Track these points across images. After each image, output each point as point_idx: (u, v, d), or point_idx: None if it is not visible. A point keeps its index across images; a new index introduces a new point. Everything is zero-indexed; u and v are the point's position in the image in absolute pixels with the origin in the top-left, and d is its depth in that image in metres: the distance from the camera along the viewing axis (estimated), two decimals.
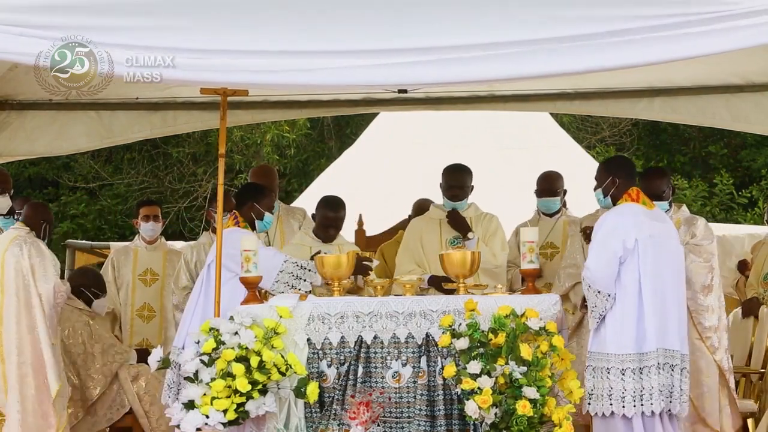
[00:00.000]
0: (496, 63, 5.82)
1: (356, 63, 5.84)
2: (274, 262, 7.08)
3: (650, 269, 6.48)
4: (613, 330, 6.48)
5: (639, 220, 6.55)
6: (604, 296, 6.48)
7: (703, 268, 7.14)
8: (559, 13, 5.78)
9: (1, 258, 7.42)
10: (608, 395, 6.43)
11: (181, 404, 6.52)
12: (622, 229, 6.52)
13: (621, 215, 6.59)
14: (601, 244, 6.54)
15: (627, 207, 6.61)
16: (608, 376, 6.43)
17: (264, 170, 8.69)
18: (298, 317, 6.62)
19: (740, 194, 16.91)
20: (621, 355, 6.43)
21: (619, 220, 6.57)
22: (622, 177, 6.71)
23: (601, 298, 6.50)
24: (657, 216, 6.68)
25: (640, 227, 6.53)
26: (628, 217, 6.57)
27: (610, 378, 6.43)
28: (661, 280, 6.50)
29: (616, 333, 6.46)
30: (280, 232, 8.24)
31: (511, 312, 6.51)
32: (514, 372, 6.34)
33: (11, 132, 8.71)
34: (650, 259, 6.49)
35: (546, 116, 12.03)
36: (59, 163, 16.89)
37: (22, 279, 7.35)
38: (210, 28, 5.87)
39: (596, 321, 6.53)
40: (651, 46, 5.76)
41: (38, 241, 7.52)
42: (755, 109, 8.45)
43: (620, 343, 6.44)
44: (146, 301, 8.93)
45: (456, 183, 7.80)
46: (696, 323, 7.05)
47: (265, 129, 16.11)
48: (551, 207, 8.49)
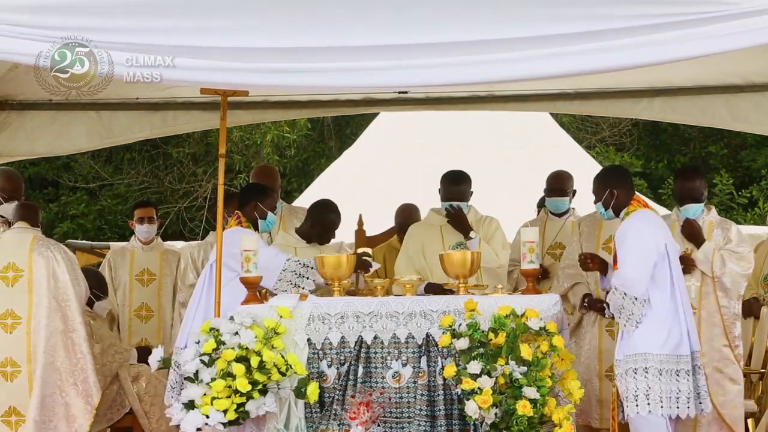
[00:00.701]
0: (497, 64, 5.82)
1: (357, 64, 5.84)
2: (276, 261, 7.10)
3: (677, 272, 6.58)
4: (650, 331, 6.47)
5: (662, 226, 6.68)
6: (641, 302, 6.48)
7: (742, 277, 7.18)
8: (559, 13, 5.78)
9: (29, 259, 7.33)
10: (645, 395, 6.39)
11: (181, 404, 6.53)
12: (652, 235, 6.57)
13: (648, 222, 6.63)
14: (637, 252, 6.54)
15: (646, 214, 6.67)
16: (646, 376, 6.41)
17: (266, 170, 8.70)
18: (298, 317, 6.62)
19: (740, 194, 16.91)
20: (660, 355, 6.42)
21: (648, 228, 6.61)
22: (620, 187, 6.74)
23: (638, 305, 6.48)
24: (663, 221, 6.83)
25: (665, 232, 6.65)
26: (654, 222, 6.66)
27: (648, 378, 6.40)
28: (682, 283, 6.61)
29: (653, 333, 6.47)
30: (282, 232, 8.24)
31: (511, 312, 6.51)
32: (514, 372, 6.34)
33: (11, 132, 8.71)
34: (675, 262, 6.60)
35: (546, 116, 12.03)
36: (59, 163, 16.89)
37: (55, 281, 7.28)
38: (210, 28, 5.87)
39: (633, 328, 6.51)
40: (651, 47, 5.76)
41: (60, 243, 7.52)
42: (755, 109, 8.45)
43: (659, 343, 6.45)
44: (144, 302, 8.93)
45: (455, 196, 7.74)
46: (728, 331, 7.10)
47: (265, 129, 16.11)
48: (561, 207, 8.46)
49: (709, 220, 7.25)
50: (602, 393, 7.90)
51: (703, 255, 7.20)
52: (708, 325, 7.13)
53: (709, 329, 7.13)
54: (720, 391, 6.99)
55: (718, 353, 7.01)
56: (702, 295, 7.16)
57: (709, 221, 7.23)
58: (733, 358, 7.09)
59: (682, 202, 7.35)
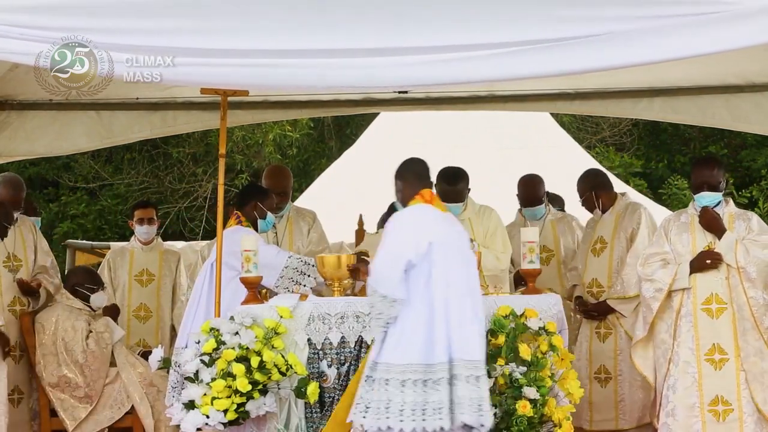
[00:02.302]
0: (496, 63, 5.82)
1: (357, 64, 5.84)
2: (278, 259, 7.12)
3: (441, 274, 6.03)
4: (394, 338, 6.02)
5: (432, 223, 6.17)
6: (390, 302, 5.99)
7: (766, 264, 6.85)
8: (559, 12, 5.78)
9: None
10: (386, 408, 5.93)
11: (181, 404, 6.53)
12: (413, 230, 6.13)
13: (413, 216, 6.22)
14: (390, 248, 6.08)
15: (419, 208, 6.25)
16: (386, 387, 5.94)
17: (278, 170, 8.59)
18: (298, 317, 6.62)
19: (740, 194, 16.89)
20: (402, 365, 5.94)
21: (410, 221, 6.19)
22: (409, 179, 6.32)
23: (386, 304, 5.99)
24: (449, 219, 6.31)
25: (433, 230, 6.12)
26: (420, 218, 6.19)
27: (388, 390, 5.93)
28: (455, 288, 6.05)
29: (398, 341, 6.01)
30: (288, 232, 8.24)
31: (510, 312, 6.51)
32: (514, 372, 6.34)
33: (11, 132, 8.70)
34: (443, 264, 6.05)
35: (546, 116, 12.03)
36: (59, 163, 16.88)
37: None
38: (210, 28, 5.87)
39: (381, 329, 6.04)
40: (651, 46, 5.76)
41: None
42: (755, 109, 8.45)
43: (401, 352, 5.97)
44: (143, 302, 8.93)
45: (452, 198, 7.54)
46: (758, 323, 6.82)
47: (267, 129, 16.11)
48: (537, 214, 8.51)
49: (729, 212, 7.01)
50: (592, 395, 7.91)
51: (726, 245, 6.89)
52: (740, 319, 6.84)
53: (741, 323, 6.85)
54: (760, 387, 6.78)
55: (752, 348, 6.79)
56: (731, 288, 6.87)
57: (729, 213, 7.00)
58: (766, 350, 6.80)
59: (698, 191, 7.06)
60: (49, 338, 7.73)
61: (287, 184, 8.34)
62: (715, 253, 6.89)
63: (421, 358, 5.95)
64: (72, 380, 7.70)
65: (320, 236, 8.32)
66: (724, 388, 6.82)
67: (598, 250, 8.08)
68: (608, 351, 7.97)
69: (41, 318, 7.80)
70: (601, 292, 8.01)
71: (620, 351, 7.91)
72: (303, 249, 8.09)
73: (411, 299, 6.02)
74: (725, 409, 6.78)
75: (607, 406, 7.92)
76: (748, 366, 6.80)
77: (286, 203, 8.23)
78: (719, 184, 7.00)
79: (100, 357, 7.77)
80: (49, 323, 7.75)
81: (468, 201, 7.78)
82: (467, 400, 5.95)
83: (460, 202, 7.69)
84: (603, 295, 7.99)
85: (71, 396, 7.71)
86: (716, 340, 6.86)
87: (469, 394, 5.96)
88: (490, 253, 7.63)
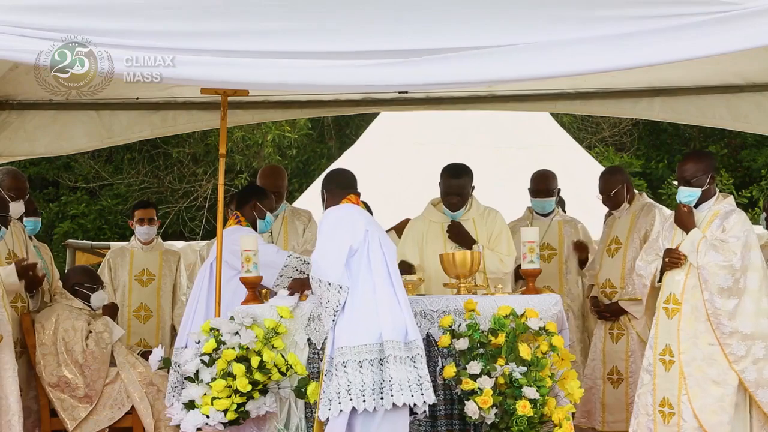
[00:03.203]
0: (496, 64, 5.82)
1: (357, 64, 5.84)
2: (278, 258, 7.11)
3: (377, 261, 6.22)
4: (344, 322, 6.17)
5: (360, 215, 6.40)
6: (336, 288, 6.16)
7: (722, 268, 6.49)
8: (557, 13, 5.78)
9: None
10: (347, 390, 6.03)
11: (181, 404, 6.53)
12: (350, 219, 6.35)
13: (344, 210, 6.42)
14: (328, 235, 6.30)
15: (347, 206, 6.44)
16: (345, 370, 6.05)
17: (273, 170, 8.60)
18: (298, 317, 6.62)
19: (740, 194, 16.90)
20: (349, 347, 6.08)
21: (345, 213, 6.40)
22: (332, 189, 6.54)
23: (333, 291, 6.16)
24: (373, 219, 6.56)
25: (365, 221, 6.37)
26: (350, 211, 6.40)
27: (348, 372, 6.05)
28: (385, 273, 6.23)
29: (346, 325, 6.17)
30: (284, 232, 8.25)
31: (510, 312, 6.51)
32: (514, 372, 6.34)
33: (11, 132, 8.70)
34: (377, 253, 6.25)
35: (546, 116, 12.03)
36: (59, 163, 16.89)
37: None
38: (211, 28, 5.87)
39: (331, 318, 6.19)
40: (651, 47, 5.75)
41: None
42: (755, 109, 8.45)
43: (348, 334, 6.14)
44: (143, 302, 8.93)
45: (455, 191, 7.57)
46: (714, 327, 6.46)
47: (266, 129, 16.11)
48: (546, 207, 8.47)
49: (715, 210, 6.68)
50: (605, 396, 7.90)
51: (690, 243, 6.61)
52: (691, 320, 6.52)
53: (692, 325, 6.52)
54: (700, 393, 6.44)
55: (702, 353, 6.45)
56: (685, 289, 6.55)
57: (714, 211, 6.68)
58: (721, 358, 6.42)
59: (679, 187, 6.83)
60: (49, 338, 7.72)
61: (282, 185, 8.34)
62: (675, 252, 6.66)
63: (374, 338, 6.09)
64: (72, 380, 7.70)
65: (315, 235, 8.31)
66: (668, 391, 6.55)
67: (613, 251, 8.07)
68: (620, 352, 7.95)
69: (41, 318, 7.80)
70: (614, 292, 8.00)
71: (631, 353, 7.88)
72: (298, 248, 8.10)
73: (354, 285, 6.19)
74: (669, 412, 6.50)
75: (619, 408, 7.89)
76: (691, 370, 6.49)
77: (280, 203, 8.24)
78: (695, 179, 6.69)
79: (100, 357, 7.77)
80: (49, 323, 7.74)
81: (472, 201, 7.76)
82: (406, 381, 6.05)
83: (462, 197, 7.64)
84: (615, 296, 7.98)
85: (71, 396, 7.71)
86: (668, 340, 6.60)
87: (407, 375, 6.06)
88: (494, 256, 7.60)
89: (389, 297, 6.19)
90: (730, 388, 6.42)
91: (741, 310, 6.44)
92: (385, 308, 6.15)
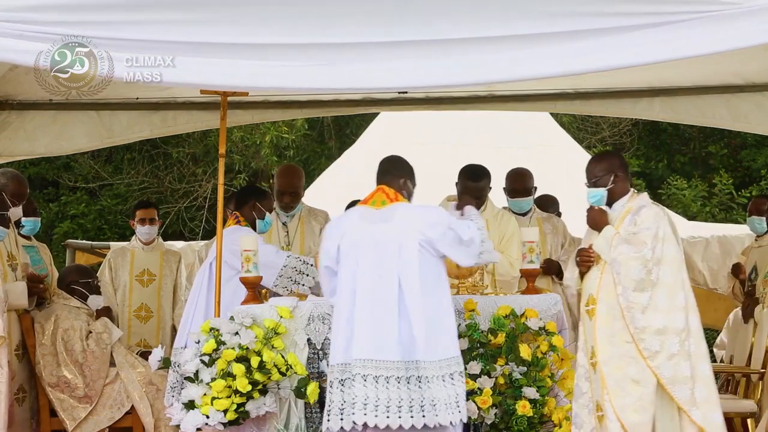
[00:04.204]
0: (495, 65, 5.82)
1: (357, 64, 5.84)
2: (277, 258, 7.11)
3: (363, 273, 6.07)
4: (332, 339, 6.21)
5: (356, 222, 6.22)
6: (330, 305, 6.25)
7: (634, 259, 6.25)
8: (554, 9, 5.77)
9: None
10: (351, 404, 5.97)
11: (181, 404, 6.53)
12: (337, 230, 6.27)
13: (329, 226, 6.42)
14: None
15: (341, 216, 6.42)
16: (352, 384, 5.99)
17: (290, 170, 8.53)
18: (298, 317, 6.63)
19: (740, 194, 16.90)
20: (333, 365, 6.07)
21: (334, 223, 6.38)
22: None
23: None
24: (384, 216, 6.24)
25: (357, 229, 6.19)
26: (335, 225, 6.35)
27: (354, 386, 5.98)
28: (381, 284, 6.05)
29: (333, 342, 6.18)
30: (300, 233, 8.22)
31: (510, 312, 6.52)
32: (514, 372, 6.35)
33: (11, 132, 8.71)
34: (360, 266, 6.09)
35: (546, 116, 12.02)
36: (59, 163, 16.88)
37: None
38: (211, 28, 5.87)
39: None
40: (651, 46, 5.76)
41: None
42: (755, 109, 8.45)
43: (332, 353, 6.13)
44: (143, 302, 8.93)
45: (473, 193, 7.48)
46: (628, 323, 6.21)
47: (264, 129, 16.11)
48: (524, 207, 8.37)
49: (628, 207, 6.44)
50: None
51: (603, 240, 6.38)
52: (608, 319, 6.27)
53: (609, 324, 6.27)
54: (620, 393, 6.18)
55: (618, 351, 6.21)
56: (600, 287, 6.31)
57: (628, 208, 6.43)
58: (638, 355, 6.20)
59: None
60: (48, 338, 7.72)
61: (299, 184, 8.29)
62: (584, 251, 6.46)
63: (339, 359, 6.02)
64: (71, 380, 7.70)
65: None
66: (596, 392, 6.31)
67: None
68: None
69: (41, 318, 7.80)
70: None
71: None
72: (314, 248, 8.06)
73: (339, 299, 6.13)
74: (600, 414, 6.26)
75: None
76: (610, 370, 6.23)
77: (297, 203, 8.20)
78: (598, 180, 6.46)
79: (101, 357, 7.77)
80: (49, 323, 7.74)
81: (487, 203, 7.75)
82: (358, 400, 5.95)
83: (480, 200, 7.59)
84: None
85: (71, 396, 7.71)
86: (592, 342, 6.35)
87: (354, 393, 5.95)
88: (504, 259, 7.55)
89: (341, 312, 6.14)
90: (649, 386, 6.20)
91: (654, 303, 6.24)
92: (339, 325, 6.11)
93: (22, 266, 7.87)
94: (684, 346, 6.21)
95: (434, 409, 5.90)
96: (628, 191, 6.51)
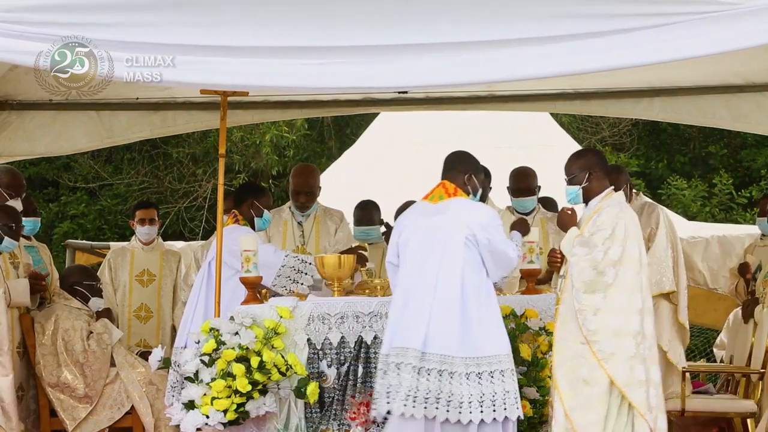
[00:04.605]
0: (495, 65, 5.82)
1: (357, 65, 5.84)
2: (275, 257, 7.12)
3: (412, 265, 6.15)
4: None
5: (414, 218, 6.30)
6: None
7: (584, 261, 6.19)
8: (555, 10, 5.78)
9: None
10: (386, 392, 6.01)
11: (181, 404, 6.53)
12: (398, 227, 6.37)
13: (403, 213, 6.47)
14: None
15: (403, 215, 6.44)
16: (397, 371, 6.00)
17: (305, 169, 8.55)
18: (298, 317, 6.63)
19: (740, 194, 16.90)
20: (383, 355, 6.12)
21: (398, 219, 6.47)
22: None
23: None
24: (439, 210, 6.26)
25: (413, 223, 6.26)
26: (405, 215, 6.40)
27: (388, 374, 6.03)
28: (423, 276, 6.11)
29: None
30: (316, 232, 8.22)
31: (510, 312, 6.51)
32: None
33: (11, 132, 8.71)
34: (415, 256, 6.15)
35: (545, 116, 12.01)
36: (59, 163, 16.88)
37: None
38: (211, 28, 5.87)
39: None
40: (651, 46, 5.76)
41: None
42: (755, 109, 8.45)
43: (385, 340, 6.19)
44: (143, 302, 8.93)
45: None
46: (581, 325, 6.16)
47: (264, 129, 16.11)
48: (528, 206, 8.36)
49: (599, 206, 6.38)
50: None
51: (566, 241, 6.35)
52: (566, 320, 6.23)
53: (566, 325, 6.22)
54: (571, 394, 6.13)
55: (572, 351, 6.17)
56: (564, 289, 6.29)
57: (598, 208, 6.38)
58: (590, 356, 6.14)
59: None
60: (48, 338, 7.73)
61: (314, 183, 8.29)
62: (552, 252, 6.51)
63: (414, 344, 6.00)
64: (71, 381, 7.70)
65: (347, 236, 8.30)
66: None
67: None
68: None
69: (41, 318, 7.80)
70: None
71: None
72: (329, 248, 8.06)
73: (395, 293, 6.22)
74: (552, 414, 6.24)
75: None
76: (563, 371, 6.18)
77: (312, 202, 8.21)
78: (573, 177, 6.45)
79: (101, 357, 7.77)
80: (49, 323, 7.75)
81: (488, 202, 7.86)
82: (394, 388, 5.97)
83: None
84: None
85: (71, 396, 7.71)
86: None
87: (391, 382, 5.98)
88: None
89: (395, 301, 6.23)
90: (600, 387, 6.13)
91: (608, 304, 6.16)
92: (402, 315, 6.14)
93: (24, 266, 7.87)
94: (639, 349, 6.13)
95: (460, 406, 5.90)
96: (603, 190, 6.44)
